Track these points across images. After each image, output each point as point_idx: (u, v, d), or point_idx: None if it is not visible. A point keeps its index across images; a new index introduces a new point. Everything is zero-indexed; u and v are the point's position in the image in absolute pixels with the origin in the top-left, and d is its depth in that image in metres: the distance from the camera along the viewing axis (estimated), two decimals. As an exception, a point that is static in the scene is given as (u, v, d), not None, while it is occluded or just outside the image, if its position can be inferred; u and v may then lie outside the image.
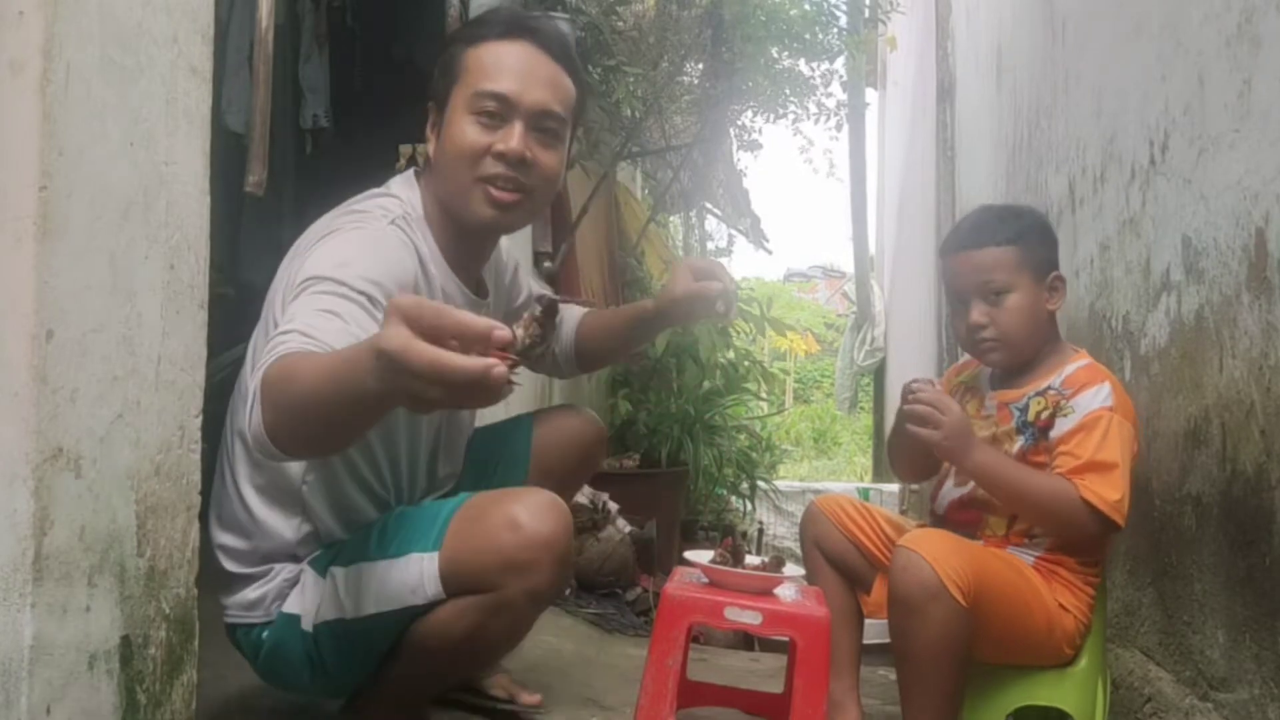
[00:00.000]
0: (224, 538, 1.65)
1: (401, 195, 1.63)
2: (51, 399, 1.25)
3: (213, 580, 1.66)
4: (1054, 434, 1.85)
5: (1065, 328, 3.01)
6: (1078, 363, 1.91)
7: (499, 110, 1.57)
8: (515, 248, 2.20)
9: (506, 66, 1.58)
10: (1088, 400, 1.84)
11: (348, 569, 1.56)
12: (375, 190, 1.66)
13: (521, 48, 1.60)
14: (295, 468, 1.59)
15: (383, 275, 1.39)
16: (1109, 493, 1.75)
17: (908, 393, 1.86)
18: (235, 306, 3.57)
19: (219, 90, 2.93)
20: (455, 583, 1.47)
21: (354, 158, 4.78)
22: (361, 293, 1.38)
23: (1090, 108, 2.80)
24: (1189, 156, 2.05)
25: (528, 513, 1.44)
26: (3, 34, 1.24)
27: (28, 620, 1.23)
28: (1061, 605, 1.82)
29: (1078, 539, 1.83)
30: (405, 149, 5.45)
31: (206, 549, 1.60)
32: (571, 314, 1.97)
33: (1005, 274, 1.90)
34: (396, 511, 1.61)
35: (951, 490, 1.99)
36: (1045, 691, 1.87)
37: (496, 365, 0.95)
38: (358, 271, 1.40)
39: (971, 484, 1.94)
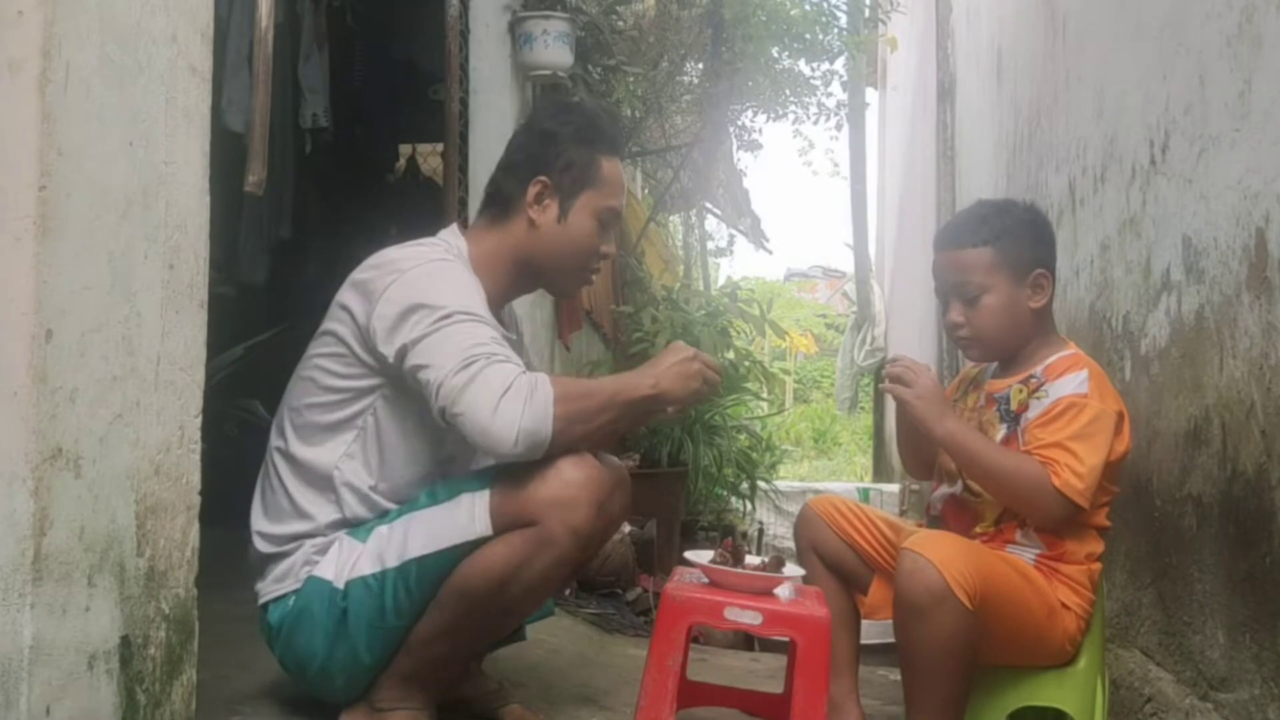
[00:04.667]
0: (264, 525, 1.79)
1: (450, 243, 1.88)
2: (51, 399, 1.25)
3: (215, 580, 1.66)
4: (1027, 416, 1.86)
5: (1065, 327, 3.02)
6: (1062, 352, 1.91)
7: (611, 222, 1.93)
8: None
9: (620, 186, 1.94)
10: (1062, 385, 1.83)
11: (394, 523, 1.73)
12: (426, 238, 1.90)
13: (621, 169, 1.98)
14: (327, 461, 1.76)
15: (484, 310, 1.74)
16: (1074, 479, 1.75)
17: (888, 363, 1.92)
18: (235, 306, 3.58)
19: (219, 90, 2.93)
20: (503, 519, 1.65)
21: (353, 157, 4.80)
22: (495, 335, 1.69)
23: (1091, 107, 2.80)
24: (1189, 156, 2.05)
25: (569, 461, 1.67)
26: (2, 33, 1.24)
27: (28, 620, 1.23)
28: (1063, 604, 1.82)
29: (1038, 519, 1.83)
30: (404, 149, 5.42)
31: (207, 550, 1.60)
32: None
33: (980, 276, 1.90)
34: (444, 480, 1.79)
35: (944, 489, 2.00)
36: (1045, 692, 1.87)
37: None
38: (475, 309, 1.71)
39: (960, 484, 1.94)
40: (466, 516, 1.66)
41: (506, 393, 1.59)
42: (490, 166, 1.94)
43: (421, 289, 1.70)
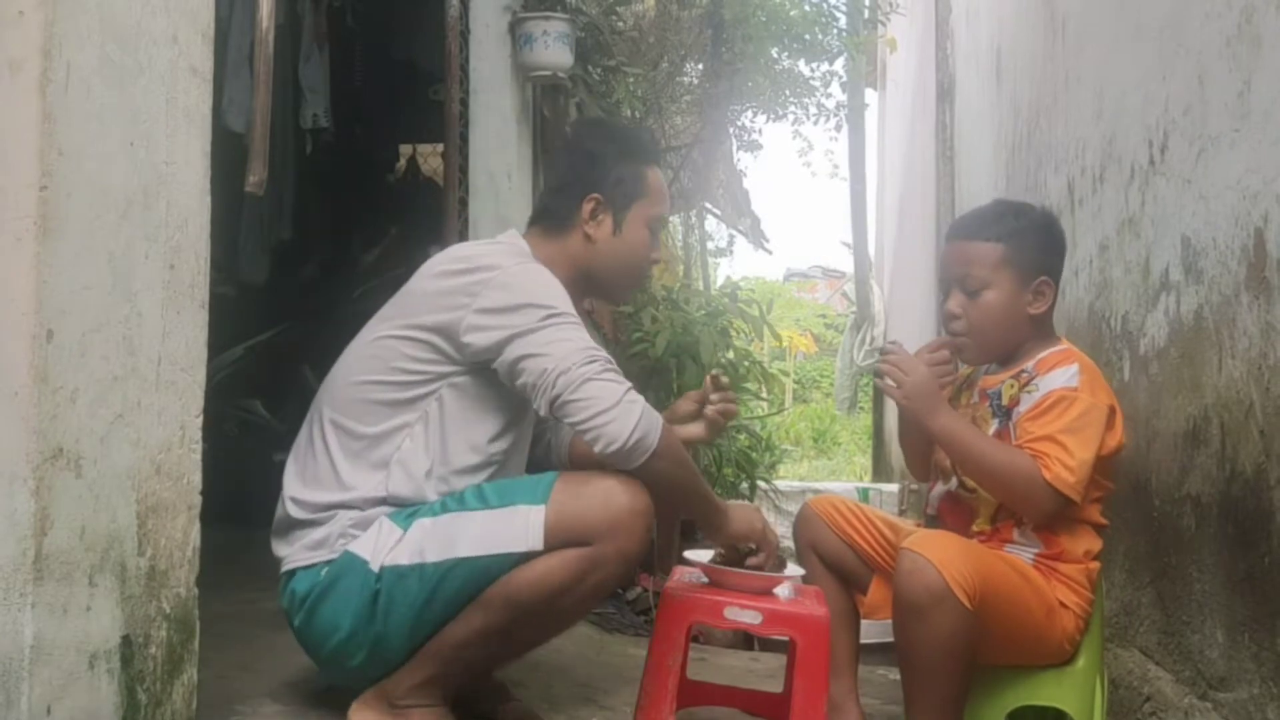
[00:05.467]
0: (299, 491, 1.80)
1: (519, 246, 1.93)
2: (52, 399, 1.26)
3: (215, 580, 1.66)
4: (1018, 410, 1.87)
5: (1064, 328, 3.02)
6: (1055, 348, 1.91)
7: (659, 228, 2.04)
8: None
9: (664, 193, 2.03)
10: (1053, 379, 1.84)
11: (438, 518, 1.73)
12: (491, 240, 1.98)
13: (662, 176, 2.05)
14: (385, 437, 1.78)
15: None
16: (1065, 473, 1.76)
17: (882, 352, 1.94)
18: (235, 306, 3.58)
19: (219, 90, 2.93)
20: (557, 536, 1.67)
21: (354, 157, 4.79)
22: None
23: (1090, 108, 2.80)
24: (1189, 156, 2.05)
25: (623, 485, 1.71)
26: (2, 33, 1.25)
27: (28, 620, 1.23)
28: (1062, 603, 1.82)
29: (1030, 513, 1.84)
30: (404, 149, 5.42)
31: (207, 550, 1.60)
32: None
33: (985, 270, 1.91)
34: (491, 483, 1.81)
35: (941, 488, 2.00)
36: (1044, 691, 1.87)
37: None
38: (578, 319, 1.78)
39: (956, 480, 1.95)
40: (521, 527, 1.68)
41: (629, 393, 1.68)
42: (490, 166, 1.96)
43: (528, 286, 1.77)
